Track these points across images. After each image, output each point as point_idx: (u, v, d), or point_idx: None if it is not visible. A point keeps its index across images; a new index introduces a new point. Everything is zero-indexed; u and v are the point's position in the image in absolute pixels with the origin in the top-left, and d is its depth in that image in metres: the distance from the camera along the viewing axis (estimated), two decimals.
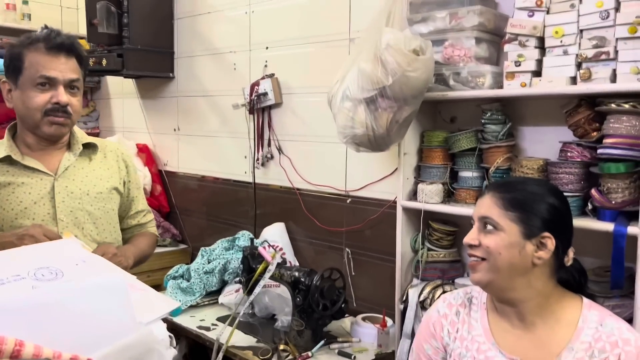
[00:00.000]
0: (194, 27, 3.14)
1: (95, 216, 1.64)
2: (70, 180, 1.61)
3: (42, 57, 1.51)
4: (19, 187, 1.56)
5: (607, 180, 1.54)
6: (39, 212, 1.55)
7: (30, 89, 1.51)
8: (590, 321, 1.22)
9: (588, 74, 1.56)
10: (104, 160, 1.72)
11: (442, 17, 1.83)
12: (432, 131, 1.98)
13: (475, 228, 1.27)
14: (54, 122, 1.53)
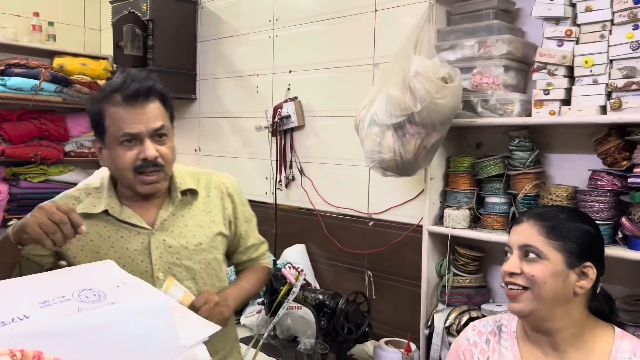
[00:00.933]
0: (217, 50, 3.19)
1: (194, 271, 1.48)
2: (168, 233, 1.47)
3: (121, 112, 1.36)
4: (118, 242, 1.45)
5: (637, 209, 1.54)
6: (136, 269, 1.42)
7: (116, 147, 1.38)
8: (624, 351, 1.21)
9: (618, 103, 1.57)
10: (207, 201, 1.55)
11: (470, 45, 1.86)
12: (458, 157, 1.99)
13: (515, 256, 1.25)
14: (145, 182, 1.40)
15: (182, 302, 1.35)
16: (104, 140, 1.42)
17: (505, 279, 1.25)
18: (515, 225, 1.30)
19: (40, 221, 1.22)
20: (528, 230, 1.26)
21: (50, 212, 1.23)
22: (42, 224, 1.22)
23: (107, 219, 1.46)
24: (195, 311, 1.33)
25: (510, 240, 1.29)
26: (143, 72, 1.42)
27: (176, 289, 1.37)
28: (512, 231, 1.31)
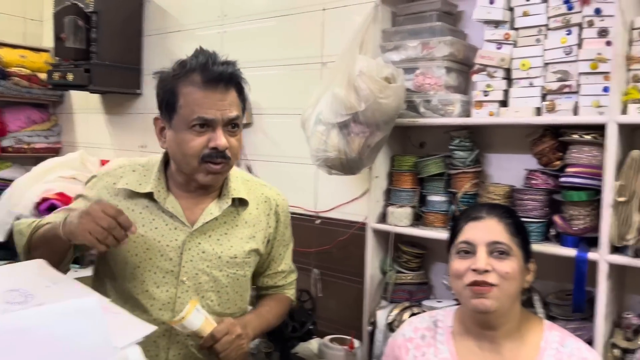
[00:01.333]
0: (163, 45, 3.13)
1: (221, 284, 1.39)
2: (205, 237, 1.38)
3: (198, 94, 1.27)
4: (151, 232, 1.35)
5: (569, 207, 1.61)
6: (162, 266, 1.34)
7: (185, 131, 1.29)
8: (552, 342, 1.26)
9: (552, 105, 1.63)
10: (254, 212, 1.46)
11: (413, 46, 1.89)
12: (402, 156, 2.02)
13: (484, 253, 1.24)
14: (210, 171, 1.31)
15: (202, 329, 1.26)
16: (170, 120, 1.32)
17: (474, 277, 1.23)
18: (473, 221, 1.30)
19: (89, 228, 1.18)
20: (495, 227, 1.27)
21: (98, 217, 1.19)
22: (92, 230, 1.18)
23: (148, 203, 1.37)
24: (215, 342, 1.26)
25: (474, 237, 1.27)
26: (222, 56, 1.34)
27: (197, 315, 1.26)
28: (472, 227, 1.29)
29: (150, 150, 3.22)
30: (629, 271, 1.62)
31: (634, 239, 1.45)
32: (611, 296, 1.54)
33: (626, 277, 1.65)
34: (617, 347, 1.52)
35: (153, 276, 1.34)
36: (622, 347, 1.51)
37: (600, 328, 1.51)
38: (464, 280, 1.25)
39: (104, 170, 1.45)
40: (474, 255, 1.25)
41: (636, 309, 1.63)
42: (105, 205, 1.22)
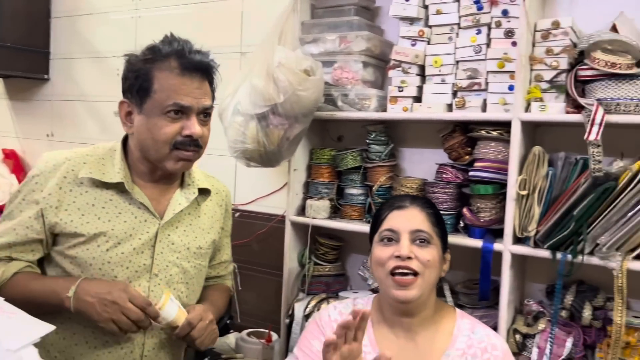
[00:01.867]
0: (73, 28, 2.95)
1: (190, 275, 1.38)
2: (173, 228, 1.35)
3: (175, 80, 1.24)
4: (120, 225, 1.29)
5: (476, 200, 1.68)
6: (135, 261, 1.29)
7: (158, 116, 1.24)
8: (464, 329, 1.32)
9: (462, 102, 1.70)
10: (210, 204, 1.47)
11: (332, 40, 1.90)
12: (320, 149, 2.03)
13: (407, 241, 1.27)
14: (181, 158, 1.28)
15: (177, 319, 1.26)
16: (142, 104, 1.26)
17: (397, 262, 1.25)
18: (397, 210, 1.33)
19: (115, 318, 1.17)
20: (417, 215, 1.30)
21: (126, 309, 1.17)
22: (118, 321, 1.17)
23: (112, 195, 1.30)
24: (191, 329, 1.26)
25: (398, 225, 1.29)
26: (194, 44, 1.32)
27: (172, 305, 1.25)
28: (396, 216, 1.32)
29: (58, 140, 3.05)
30: (530, 261, 1.72)
31: (535, 230, 1.54)
32: (514, 285, 1.63)
33: (527, 267, 1.75)
34: (518, 333, 1.61)
35: (125, 271, 1.28)
36: (523, 332, 1.60)
37: (504, 315, 1.59)
38: (386, 267, 1.27)
39: (47, 167, 1.31)
40: (397, 242, 1.28)
41: (536, 296, 1.74)
42: (133, 294, 1.20)
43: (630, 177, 1.41)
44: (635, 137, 1.57)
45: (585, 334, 1.55)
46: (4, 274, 1.25)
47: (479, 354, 1.27)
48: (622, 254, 1.43)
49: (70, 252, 1.27)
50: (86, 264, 1.26)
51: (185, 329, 1.26)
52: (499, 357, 1.27)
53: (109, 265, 1.27)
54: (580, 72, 1.52)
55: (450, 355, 1.28)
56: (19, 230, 1.28)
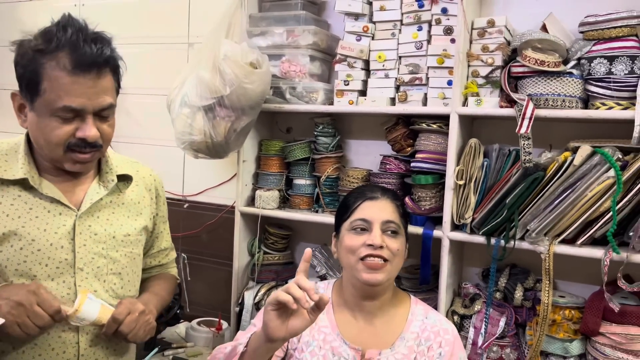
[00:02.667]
0: (13, 14, 2.85)
1: (121, 265, 1.30)
2: (94, 219, 1.27)
3: (65, 79, 1.11)
4: (32, 222, 1.19)
5: (418, 189, 1.76)
6: (54, 256, 1.20)
7: (49, 117, 1.13)
8: (418, 314, 1.40)
9: (405, 96, 1.77)
10: (136, 189, 1.38)
11: (279, 33, 1.93)
12: (269, 140, 2.07)
13: (379, 231, 1.32)
14: (78, 161, 1.19)
15: (100, 317, 1.18)
16: (32, 102, 1.14)
17: (369, 251, 1.30)
18: (370, 201, 1.37)
19: (20, 322, 1.10)
20: (388, 207, 1.36)
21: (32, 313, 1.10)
22: (23, 325, 1.10)
23: (20, 192, 1.21)
24: (118, 324, 1.19)
25: (370, 215, 1.34)
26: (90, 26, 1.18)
27: (91, 304, 1.17)
28: (369, 206, 1.36)
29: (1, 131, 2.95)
30: (467, 246, 1.82)
31: (471, 218, 1.64)
32: (452, 269, 1.73)
33: (464, 252, 1.86)
34: (456, 314, 1.71)
35: (45, 269, 1.20)
36: (460, 313, 1.70)
37: (443, 297, 1.69)
38: (357, 254, 1.32)
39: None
40: (369, 232, 1.33)
41: (472, 279, 1.84)
42: (43, 297, 1.11)
43: (557, 168, 1.52)
44: (563, 130, 1.68)
45: (517, 314, 1.67)
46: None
47: (432, 337, 1.35)
48: (550, 238, 1.55)
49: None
50: (1, 267, 1.18)
51: (111, 326, 1.20)
52: (450, 340, 1.35)
53: (25, 264, 1.19)
54: (513, 69, 1.62)
55: (405, 337, 1.35)
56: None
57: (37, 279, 1.19)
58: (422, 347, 1.34)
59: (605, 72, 1.51)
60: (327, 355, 1.33)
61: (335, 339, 1.36)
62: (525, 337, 1.65)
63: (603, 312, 1.53)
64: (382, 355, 1.32)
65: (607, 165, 1.45)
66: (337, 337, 1.36)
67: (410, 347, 1.34)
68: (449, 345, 1.34)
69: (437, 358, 1.33)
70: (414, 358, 1.33)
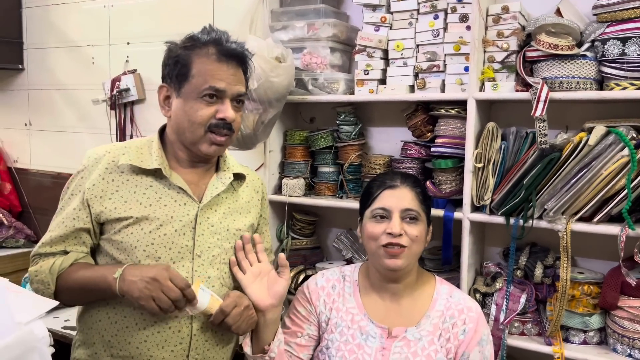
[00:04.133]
0: (46, 18, 2.99)
1: (230, 255, 1.43)
2: (212, 211, 1.40)
3: (212, 65, 1.32)
4: (161, 209, 1.34)
5: (438, 173, 1.83)
6: (178, 242, 1.34)
7: (194, 100, 1.32)
8: (442, 293, 1.47)
9: (423, 83, 1.83)
10: (247, 190, 1.51)
11: (300, 27, 2.00)
12: (294, 130, 2.15)
13: (398, 219, 1.38)
14: (214, 142, 1.35)
15: (210, 307, 1.29)
16: (180, 88, 1.34)
17: (389, 239, 1.37)
18: (389, 189, 1.43)
19: (155, 296, 1.21)
20: (407, 195, 1.42)
21: (166, 287, 1.21)
22: (158, 299, 1.21)
23: (152, 182, 1.36)
24: (225, 316, 1.31)
25: (390, 204, 1.40)
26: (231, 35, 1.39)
27: (203, 294, 1.28)
28: (388, 195, 1.42)
29: (36, 129, 3.10)
30: (487, 227, 1.88)
31: (490, 199, 1.70)
32: (473, 249, 1.79)
33: (485, 232, 1.92)
34: (478, 292, 1.78)
35: (169, 252, 1.33)
36: (482, 291, 1.77)
37: (465, 277, 1.76)
38: (378, 242, 1.39)
39: (90, 162, 1.39)
40: (389, 220, 1.39)
41: (494, 258, 1.90)
42: (173, 274, 1.24)
43: (573, 148, 1.56)
44: (578, 112, 1.72)
45: (537, 291, 1.72)
46: (62, 265, 1.33)
47: (457, 315, 1.42)
48: (567, 217, 1.60)
49: (117, 237, 1.33)
50: (131, 247, 1.32)
51: (218, 317, 1.30)
52: (474, 317, 1.42)
53: (153, 246, 1.32)
54: (528, 53, 1.66)
55: (431, 316, 1.42)
56: (67, 222, 1.35)
57: (161, 261, 1.32)
58: (446, 324, 1.41)
59: (619, 53, 1.54)
60: (355, 334, 1.41)
61: (363, 319, 1.43)
62: (545, 312, 1.71)
63: (621, 287, 1.58)
64: (408, 333, 1.40)
65: (622, 144, 1.49)
66: (365, 317, 1.43)
67: (435, 324, 1.41)
68: (472, 322, 1.41)
69: (461, 334, 1.40)
70: (439, 335, 1.40)
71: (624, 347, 1.58)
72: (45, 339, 1.11)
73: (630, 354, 1.56)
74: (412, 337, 1.39)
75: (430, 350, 1.38)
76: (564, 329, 1.68)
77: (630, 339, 1.56)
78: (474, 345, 1.40)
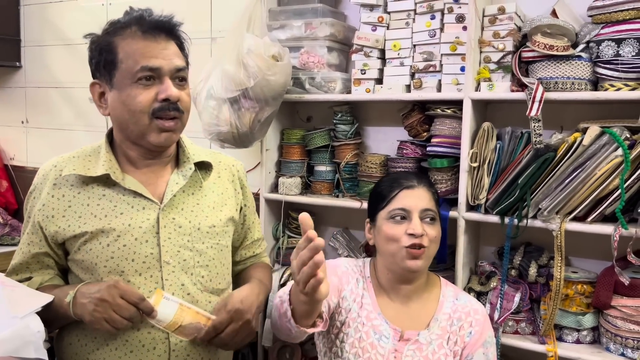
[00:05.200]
0: (43, 15, 2.99)
1: (208, 257, 1.29)
2: (178, 211, 1.26)
3: (139, 44, 1.18)
4: (117, 218, 1.21)
5: (434, 173, 1.84)
6: (140, 251, 1.21)
7: (129, 86, 1.17)
8: (448, 296, 1.46)
9: (419, 83, 1.84)
10: (218, 181, 1.36)
11: (298, 26, 2.01)
12: (291, 129, 2.16)
13: (418, 219, 1.36)
14: (164, 129, 1.20)
15: (178, 318, 1.15)
16: (111, 79, 1.20)
17: (411, 240, 1.34)
18: (407, 190, 1.40)
19: (107, 317, 1.11)
20: (425, 195, 1.41)
21: (117, 306, 1.10)
22: (110, 319, 1.11)
23: (104, 190, 1.24)
24: (219, 332, 1.19)
25: (409, 204, 1.38)
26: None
27: (167, 304, 1.14)
28: (407, 195, 1.38)
29: (34, 126, 3.10)
30: (482, 226, 1.89)
31: (485, 198, 1.71)
32: (468, 248, 1.80)
33: (480, 231, 1.93)
34: (473, 291, 1.78)
35: (132, 264, 1.21)
36: (477, 290, 1.78)
37: (460, 275, 1.77)
38: (400, 243, 1.35)
39: (39, 179, 1.31)
40: (408, 220, 1.37)
41: (488, 258, 1.91)
42: (124, 289, 1.12)
43: (567, 148, 1.57)
44: (573, 112, 1.73)
45: (531, 290, 1.74)
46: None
47: (463, 317, 1.41)
48: (561, 216, 1.61)
49: (77, 256, 1.24)
50: (92, 265, 1.22)
51: (209, 334, 1.19)
52: (480, 320, 1.42)
53: (113, 260, 1.21)
54: (524, 54, 1.68)
55: (439, 318, 1.42)
56: (24, 249, 1.29)
57: (125, 275, 1.20)
58: (454, 327, 1.41)
59: (613, 54, 1.55)
60: (370, 332, 1.39)
61: (377, 318, 1.41)
62: (539, 311, 1.72)
63: (614, 286, 1.59)
64: (421, 336, 1.39)
65: (615, 145, 1.50)
66: (379, 316, 1.41)
67: (443, 327, 1.41)
68: (479, 325, 1.41)
69: (467, 337, 1.39)
70: (447, 338, 1.40)
71: (617, 346, 1.59)
72: (41, 333, 1.12)
73: (623, 353, 1.57)
74: (424, 341, 1.39)
75: (440, 354, 1.38)
76: (558, 328, 1.69)
77: (623, 338, 1.57)
78: (478, 347, 1.39)
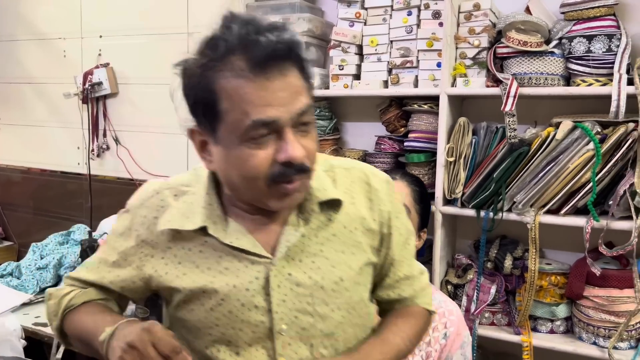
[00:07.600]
0: (14, 9, 2.92)
1: (334, 323, 0.97)
2: (294, 264, 0.96)
3: (247, 87, 0.84)
4: (221, 275, 0.95)
5: (411, 167, 1.86)
6: (247, 319, 0.94)
7: (238, 145, 0.87)
8: (436, 301, 1.47)
9: (397, 78, 1.85)
10: (351, 210, 1.00)
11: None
12: None
13: None
14: (287, 193, 0.90)
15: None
16: (214, 132, 0.89)
17: None
18: None
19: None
20: (403, 189, 1.41)
21: (146, 355, 0.85)
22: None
23: (206, 237, 0.97)
24: None
25: None
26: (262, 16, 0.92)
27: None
28: None
29: (6, 123, 3.03)
30: (459, 219, 1.92)
31: (461, 192, 1.73)
32: (445, 241, 1.83)
33: (456, 225, 1.96)
34: (450, 284, 1.81)
35: (240, 334, 0.96)
36: (454, 283, 1.81)
37: (437, 269, 1.79)
38: None
39: (136, 202, 1.05)
40: None
41: (465, 251, 1.94)
42: (157, 336, 0.87)
43: (541, 142, 1.61)
44: (547, 107, 1.77)
45: (507, 282, 1.77)
46: (72, 300, 1.02)
47: (437, 318, 1.41)
48: (535, 209, 1.64)
49: (179, 314, 1.00)
50: (196, 329, 0.98)
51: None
52: (454, 321, 1.43)
53: (218, 328, 0.96)
54: (498, 50, 1.70)
55: None
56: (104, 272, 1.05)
57: (233, 346, 0.97)
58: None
59: (585, 50, 1.59)
60: None
61: None
62: (515, 303, 1.76)
63: (586, 277, 1.63)
64: None
65: (587, 139, 1.54)
66: None
67: None
68: (453, 325, 1.41)
69: (442, 339, 1.40)
70: None
71: (589, 335, 1.63)
72: (17, 332, 1.11)
73: (595, 341, 1.62)
74: None
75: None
76: (532, 319, 1.72)
77: (595, 327, 1.61)
78: (456, 348, 1.40)
